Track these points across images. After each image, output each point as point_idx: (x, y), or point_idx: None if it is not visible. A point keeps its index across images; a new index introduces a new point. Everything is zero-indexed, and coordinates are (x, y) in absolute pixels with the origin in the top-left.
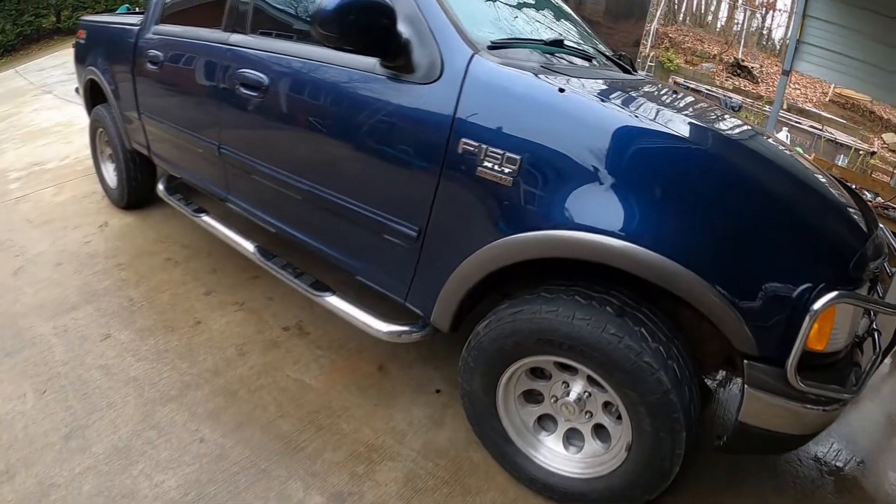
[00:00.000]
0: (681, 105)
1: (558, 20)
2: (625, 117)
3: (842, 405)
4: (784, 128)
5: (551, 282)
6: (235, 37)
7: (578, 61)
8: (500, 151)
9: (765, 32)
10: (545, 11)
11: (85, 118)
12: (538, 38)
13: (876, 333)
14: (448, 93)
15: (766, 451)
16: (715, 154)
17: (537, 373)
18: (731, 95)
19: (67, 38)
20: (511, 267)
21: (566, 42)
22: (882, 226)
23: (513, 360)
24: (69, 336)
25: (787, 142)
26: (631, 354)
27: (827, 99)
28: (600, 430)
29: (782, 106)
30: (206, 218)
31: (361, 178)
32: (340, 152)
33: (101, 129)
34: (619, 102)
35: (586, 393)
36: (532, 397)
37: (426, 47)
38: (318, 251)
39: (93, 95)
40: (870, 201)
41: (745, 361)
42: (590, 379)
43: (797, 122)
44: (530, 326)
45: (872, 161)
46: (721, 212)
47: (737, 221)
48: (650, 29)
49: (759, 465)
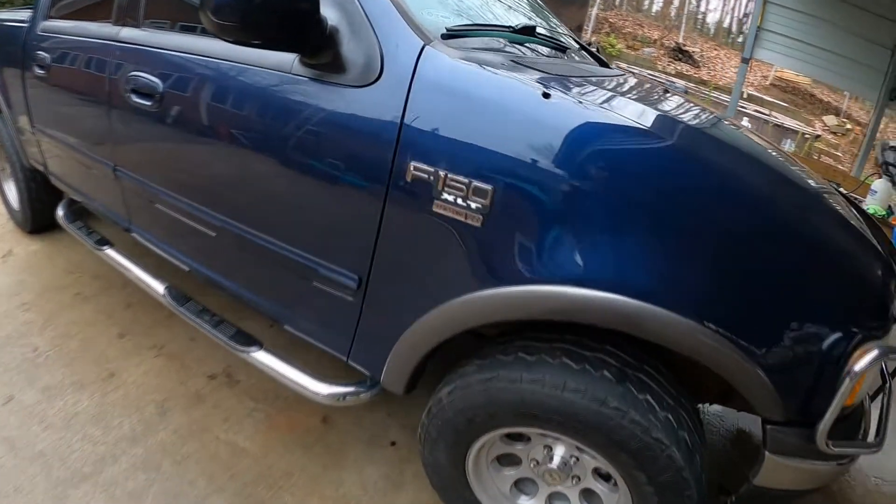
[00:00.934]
0: (688, 112)
1: (518, 1)
2: (640, 133)
3: (856, 458)
4: (745, 118)
5: (529, 334)
6: (126, 31)
7: (550, 53)
8: (465, 180)
9: (699, 17)
10: None
11: None
12: (504, 25)
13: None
14: (390, 99)
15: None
16: (760, 188)
17: (514, 436)
18: (675, 80)
19: None
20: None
21: (539, 30)
22: None
23: (485, 432)
24: None
25: (752, 131)
26: (637, 431)
27: (768, 83)
28: (590, 494)
29: (739, 94)
30: (110, 251)
31: (282, 213)
32: (252, 180)
33: None
34: (627, 111)
35: (573, 458)
36: (508, 459)
37: (360, 38)
38: (238, 296)
39: None
40: None
41: (767, 426)
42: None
43: (743, 107)
44: (507, 398)
45: (817, 144)
46: (753, 255)
47: (770, 265)
48: (591, 14)
49: None
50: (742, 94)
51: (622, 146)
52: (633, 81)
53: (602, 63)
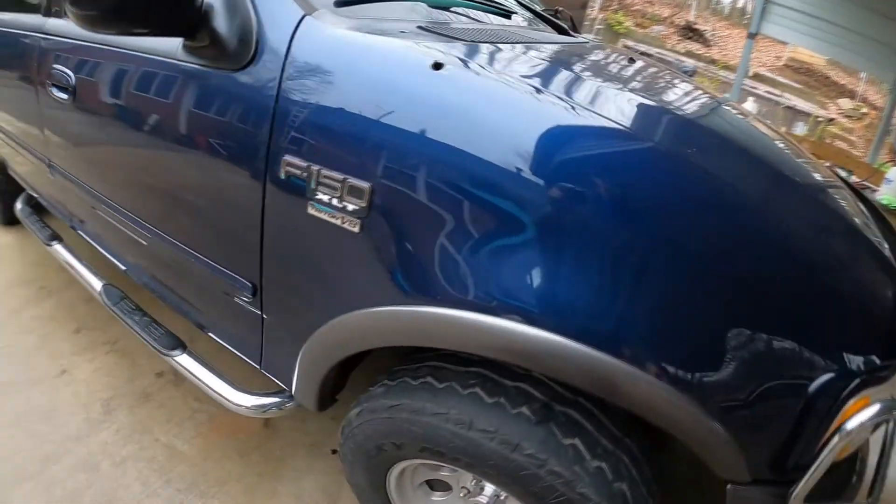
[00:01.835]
0: (643, 83)
1: None
2: (552, 109)
3: None
4: (749, 98)
5: (447, 352)
6: (52, 22)
7: (489, 20)
8: (339, 176)
9: None
10: None
11: None
12: None
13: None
14: (263, 84)
15: None
16: (737, 196)
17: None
18: (684, 59)
19: None
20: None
21: None
22: None
23: (399, 461)
24: None
25: (753, 112)
26: (557, 484)
27: (781, 63)
28: None
29: (744, 72)
30: (58, 247)
31: (180, 215)
32: (151, 179)
33: None
34: (544, 83)
35: (503, 494)
36: (439, 484)
37: (235, 12)
38: (165, 300)
39: None
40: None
41: (729, 486)
42: None
43: (753, 88)
44: (411, 430)
45: (830, 128)
46: (719, 278)
47: (742, 289)
48: None
49: None
50: (748, 73)
51: (522, 127)
52: (586, 48)
53: (562, 31)
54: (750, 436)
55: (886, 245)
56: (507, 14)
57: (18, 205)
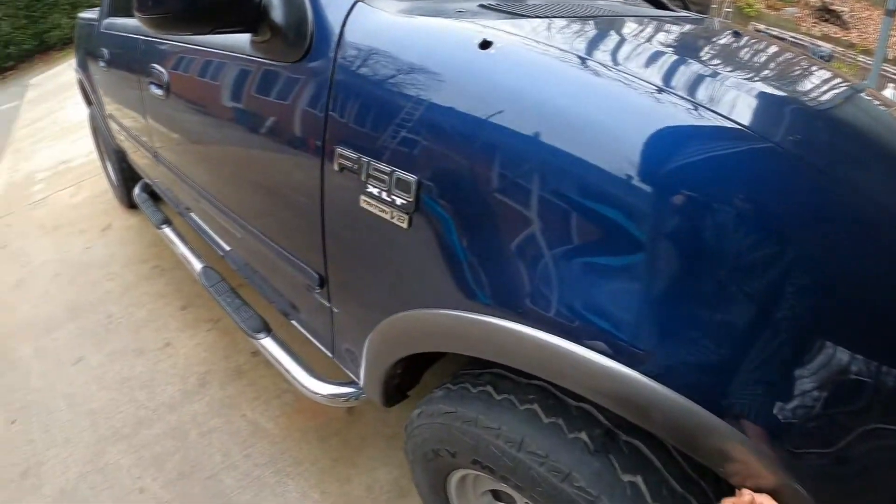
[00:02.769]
0: (759, 67)
1: None
2: (635, 97)
3: None
4: (889, 84)
5: (506, 370)
6: None
7: None
8: (387, 169)
9: None
10: None
11: None
12: None
13: None
14: (317, 75)
15: None
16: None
17: None
18: (820, 43)
19: None
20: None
21: None
22: None
23: (455, 468)
24: (47, 359)
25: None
26: None
27: None
28: None
29: (883, 55)
30: (167, 230)
31: (258, 207)
32: (229, 172)
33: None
34: (631, 66)
35: None
36: (506, 495)
37: (289, 4)
38: (254, 284)
39: (87, 95)
40: None
41: None
42: None
43: (894, 74)
44: (463, 440)
45: None
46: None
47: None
48: None
49: None
50: (886, 56)
51: (595, 117)
52: (696, 27)
53: (661, 6)
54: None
55: None
56: None
57: (136, 190)
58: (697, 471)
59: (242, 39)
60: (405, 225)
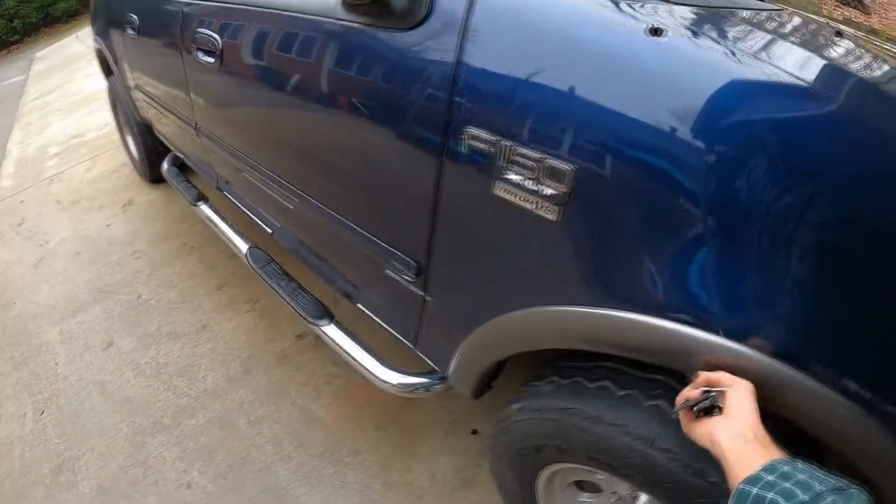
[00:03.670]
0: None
1: None
2: (810, 96)
3: None
4: None
5: (618, 362)
6: None
7: None
8: (537, 155)
9: None
10: None
11: None
12: None
13: None
14: (439, 44)
15: None
16: None
17: None
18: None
19: None
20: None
21: None
22: None
23: (556, 462)
24: (73, 344)
25: None
26: None
27: None
28: None
29: None
30: (204, 208)
31: (338, 184)
32: (305, 145)
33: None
34: (787, 62)
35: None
36: (589, 484)
37: None
38: (312, 267)
39: (107, 65)
40: None
41: None
42: None
43: None
44: (582, 437)
45: None
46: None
47: None
48: None
49: None
50: None
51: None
52: (795, 20)
53: None
54: None
55: None
56: None
57: (165, 165)
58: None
59: (326, 1)
60: (553, 217)
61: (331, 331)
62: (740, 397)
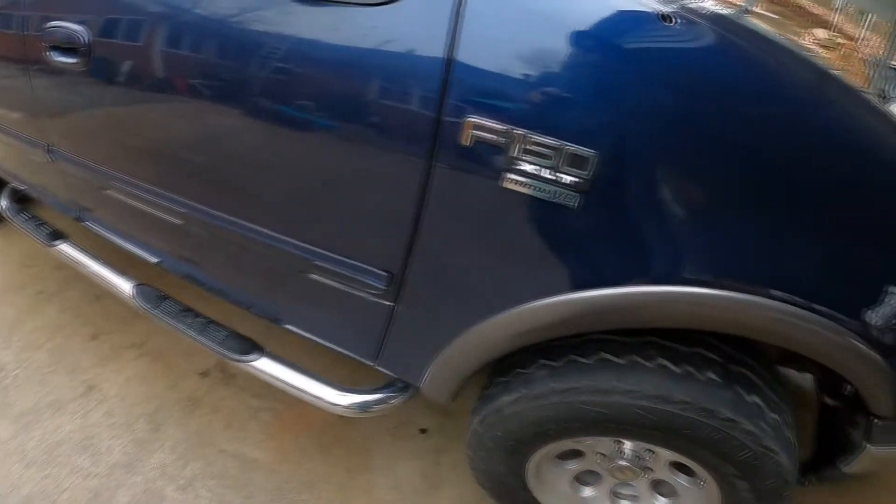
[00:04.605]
0: None
1: None
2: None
3: None
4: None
5: (604, 334)
6: None
7: None
8: (555, 143)
9: None
10: None
11: None
12: None
13: None
14: (428, 19)
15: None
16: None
17: None
18: None
19: None
20: None
21: None
22: None
23: (555, 441)
24: None
25: None
26: (748, 442)
27: None
28: (661, 481)
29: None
30: (65, 247)
31: (267, 189)
32: (227, 152)
33: None
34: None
35: (647, 451)
36: (569, 454)
37: None
38: (219, 292)
39: None
40: None
41: (875, 421)
42: None
43: None
44: (596, 412)
45: None
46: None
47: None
48: None
49: None
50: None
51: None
52: None
53: None
54: None
55: None
56: None
57: (3, 202)
58: (779, 380)
59: None
60: (573, 204)
61: (263, 365)
62: None
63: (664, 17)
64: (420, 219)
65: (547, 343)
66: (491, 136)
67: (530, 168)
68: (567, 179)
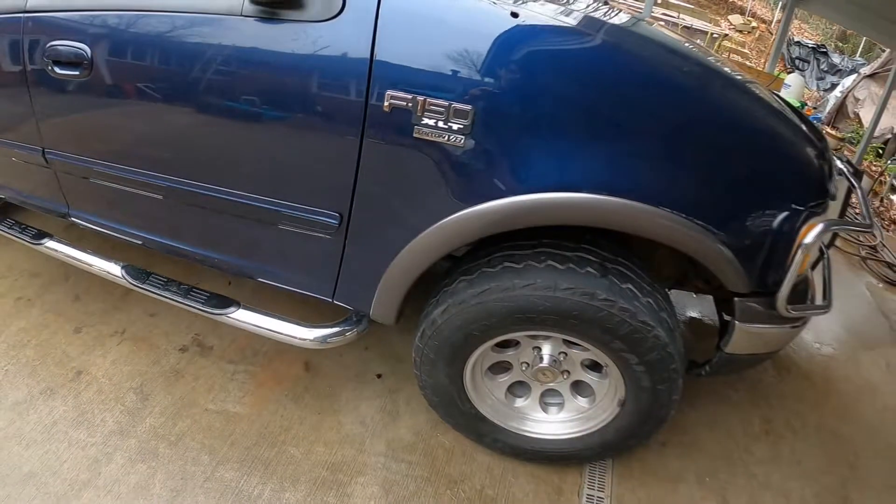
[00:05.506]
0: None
1: None
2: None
3: (808, 320)
4: (655, 22)
5: (506, 244)
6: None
7: None
8: (445, 103)
9: None
10: None
11: None
12: None
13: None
14: (357, 31)
15: (740, 371)
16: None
17: (503, 344)
18: None
19: None
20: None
21: None
22: None
23: (480, 344)
24: None
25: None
26: (626, 318)
27: None
28: (579, 384)
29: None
30: (52, 244)
31: (242, 163)
32: (210, 134)
33: None
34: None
35: (561, 354)
36: (499, 367)
37: None
38: (200, 258)
39: None
40: None
41: (736, 299)
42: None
43: (653, 14)
44: (504, 306)
45: (725, 43)
46: (706, 145)
47: (720, 153)
48: None
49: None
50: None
51: (580, 60)
52: None
53: None
54: (746, 258)
55: (802, 122)
56: None
57: None
58: (653, 278)
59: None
60: (462, 146)
61: (241, 315)
62: None
63: (514, 14)
64: (359, 169)
65: (466, 265)
66: (403, 104)
67: (431, 122)
68: (455, 126)
